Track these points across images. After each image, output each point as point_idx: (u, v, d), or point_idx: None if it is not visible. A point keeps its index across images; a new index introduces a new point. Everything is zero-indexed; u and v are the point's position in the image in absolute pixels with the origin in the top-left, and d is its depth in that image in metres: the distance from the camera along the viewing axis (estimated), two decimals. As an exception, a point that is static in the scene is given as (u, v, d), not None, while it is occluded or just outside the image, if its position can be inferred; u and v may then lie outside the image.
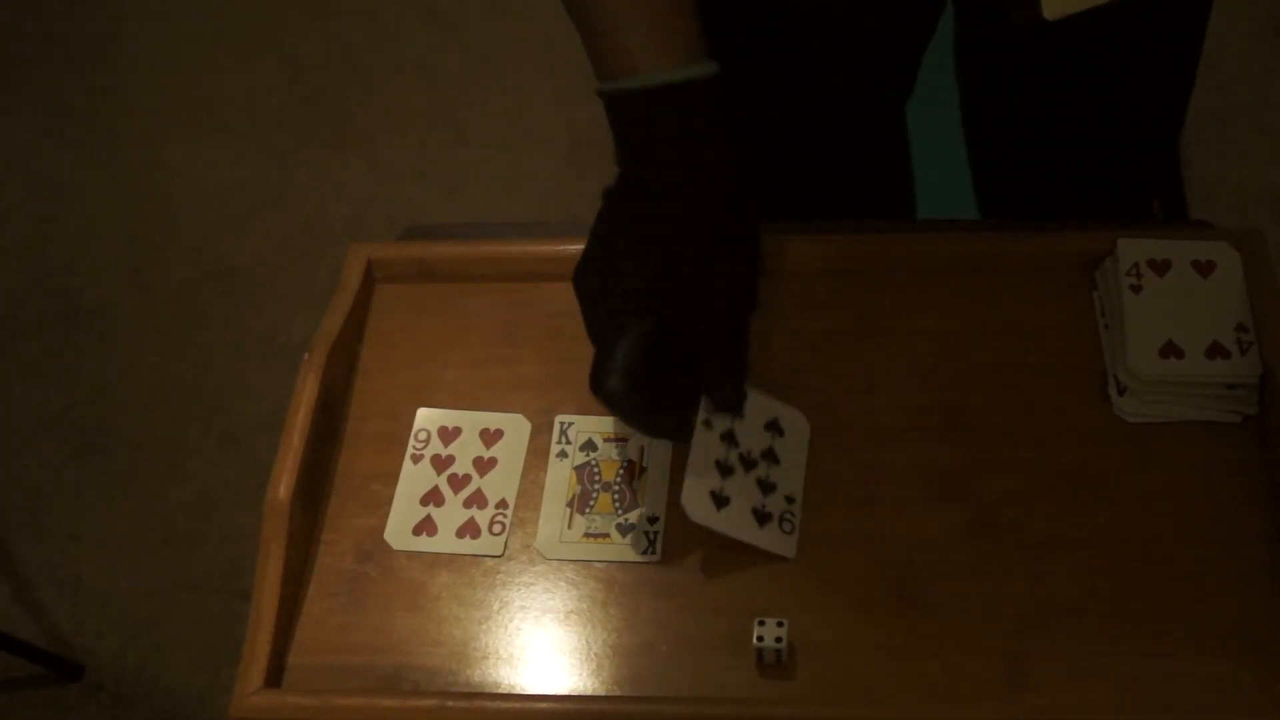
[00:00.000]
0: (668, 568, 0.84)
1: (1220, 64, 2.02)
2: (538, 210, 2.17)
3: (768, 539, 0.83)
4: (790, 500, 0.85)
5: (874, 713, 0.77)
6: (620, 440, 0.89)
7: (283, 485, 0.85)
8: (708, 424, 0.85)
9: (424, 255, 0.98)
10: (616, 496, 0.87)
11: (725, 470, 0.84)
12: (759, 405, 0.87)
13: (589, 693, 0.80)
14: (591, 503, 0.87)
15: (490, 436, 0.91)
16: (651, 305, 0.82)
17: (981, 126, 1.19)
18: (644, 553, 0.85)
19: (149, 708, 1.76)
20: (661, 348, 0.82)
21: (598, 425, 0.90)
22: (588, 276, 0.85)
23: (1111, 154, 1.12)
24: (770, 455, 0.86)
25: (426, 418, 0.92)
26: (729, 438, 0.86)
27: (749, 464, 0.85)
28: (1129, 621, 0.79)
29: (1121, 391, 0.87)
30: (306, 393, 0.89)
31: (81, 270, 2.19)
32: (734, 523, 0.83)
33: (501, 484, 0.89)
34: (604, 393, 0.83)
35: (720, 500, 0.84)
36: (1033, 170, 1.16)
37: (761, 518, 0.84)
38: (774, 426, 0.87)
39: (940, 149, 1.27)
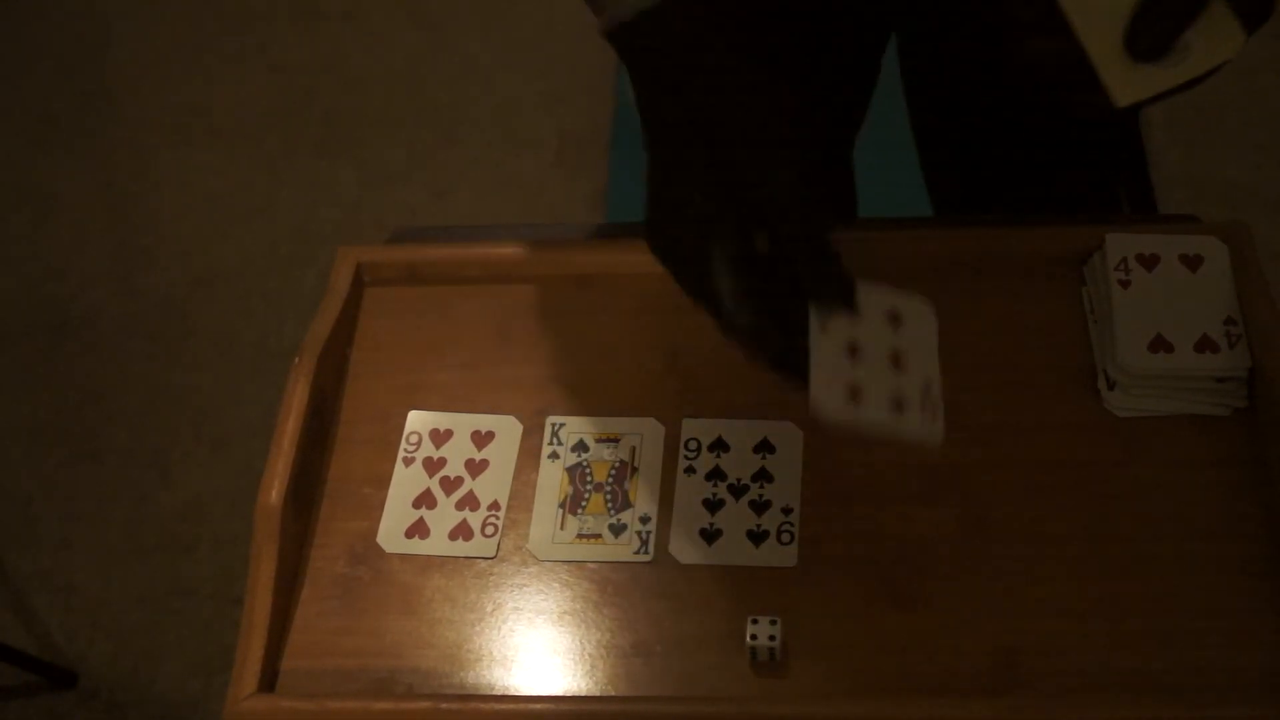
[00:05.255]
0: (661, 568, 0.84)
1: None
2: (527, 212, 2.17)
3: (765, 556, 0.84)
4: (787, 511, 0.85)
5: (867, 710, 0.77)
6: (612, 441, 0.89)
7: (274, 490, 0.85)
8: (690, 470, 0.87)
9: (413, 258, 0.98)
10: (609, 497, 0.87)
11: (714, 506, 0.85)
12: (745, 430, 0.88)
13: (583, 694, 0.80)
14: (584, 503, 0.87)
15: (482, 438, 0.91)
16: (728, 229, 0.77)
17: (931, 123, 1.18)
18: (637, 553, 0.85)
19: (142, 714, 1.76)
20: (758, 273, 0.78)
21: (589, 426, 0.90)
22: (660, 232, 0.81)
23: (1067, 144, 1.10)
24: (763, 475, 0.87)
25: (418, 420, 0.92)
26: (715, 474, 0.87)
27: (739, 491, 0.86)
28: (1121, 616, 0.79)
29: (1111, 386, 0.87)
30: (297, 397, 0.89)
31: (70, 277, 2.19)
32: (728, 553, 0.84)
33: (493, 486, 0.89)
34: (738, 333, 0.78)
35: (711, 535, 0.85)
36: (986, 167, 1.15)
37: (757, 537, 0.84)
38: (764, 446, 0.88)
39: (887, 152, 1.27)
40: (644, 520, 0.86)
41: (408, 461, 0.90)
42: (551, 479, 0.88)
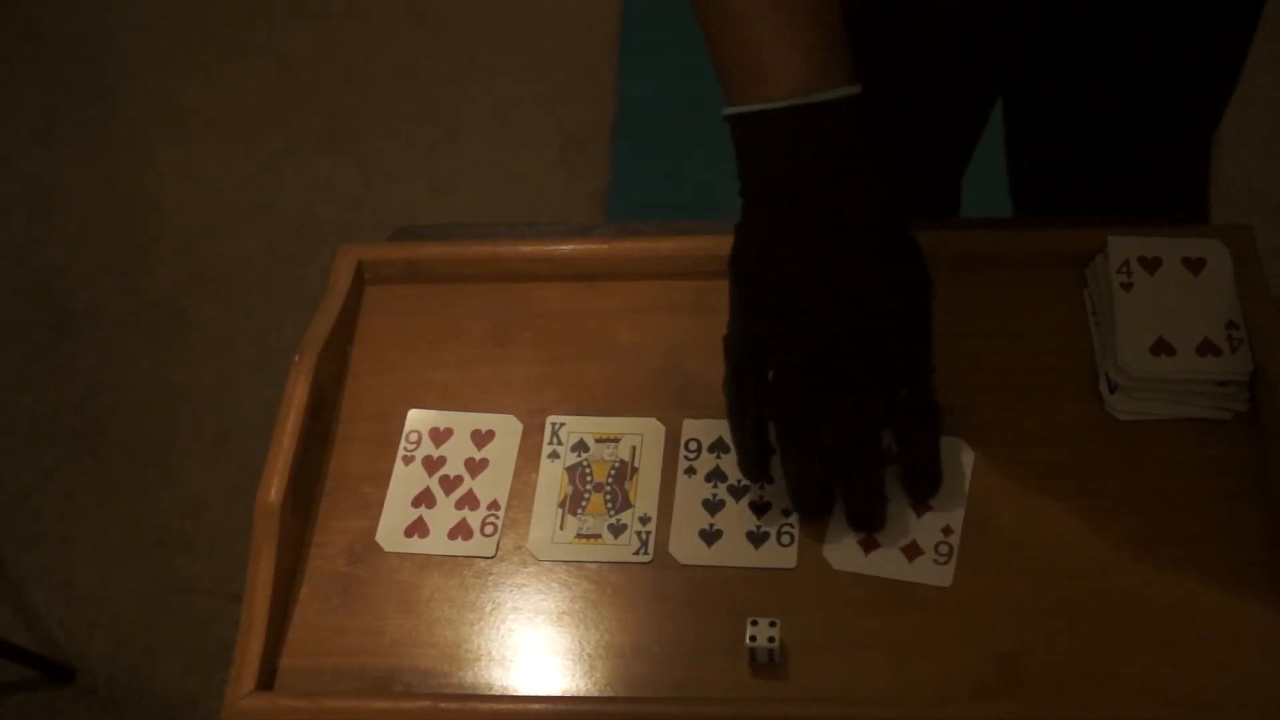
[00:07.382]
0: (660, 568, 0.84)
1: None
2: (528, 210, 2.17)
3: (765, 557, 0.83)
4: (788, 513, 0.85)
5: (866, 712, 0.77)
6: (612, 441, 0.89)
7: (273, 488, 0.85)
8: (690, 471, 0.87)
9: (414, 256, 0.98)
10: (608, 497, 0.87)
11: (714, 507, 0.85)
12: None
13: (582, 694, 0.80)
14: (583, 503, 0.87)
15: (481, 437, 0.90)
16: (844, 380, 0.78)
17: (1023, 122, 1.18)
18: (636, 553, 0.85)
19: (141, 711, 1.75)
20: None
21: (589, 426, 0.90)
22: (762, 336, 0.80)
23: (1150, 150, 1.11)
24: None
25: (418, 419, 0.92)
26: (716, 474, 0.86)
27: (740, 492, 0.86)
28: (1121, 619, 0.79)
29: (1113, 389, 0.87)
30: (297, 395, 0.89)
31: (71, 273, 2.19)
32: (728, 554, 0.84)
33: (493, 485, 0.88)
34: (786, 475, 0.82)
35: (711, 536, 0.84)
36: (1071, 169, 1.15)
37: (757, 539, 0.84)
38: None
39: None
40: (644, 521, 0.86)
41: (407, 460, 0.90)
42: (551, 478, 0.88)
